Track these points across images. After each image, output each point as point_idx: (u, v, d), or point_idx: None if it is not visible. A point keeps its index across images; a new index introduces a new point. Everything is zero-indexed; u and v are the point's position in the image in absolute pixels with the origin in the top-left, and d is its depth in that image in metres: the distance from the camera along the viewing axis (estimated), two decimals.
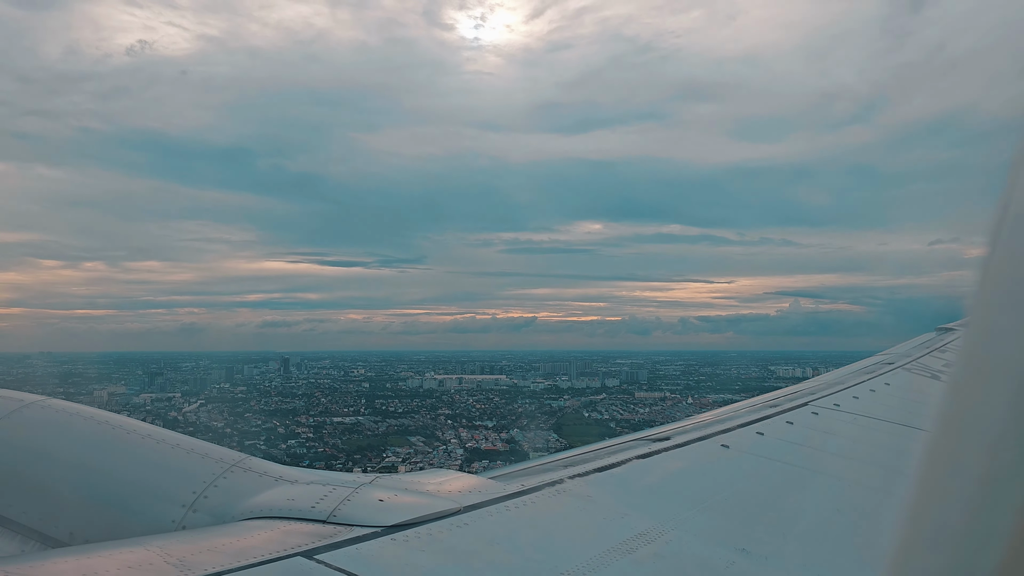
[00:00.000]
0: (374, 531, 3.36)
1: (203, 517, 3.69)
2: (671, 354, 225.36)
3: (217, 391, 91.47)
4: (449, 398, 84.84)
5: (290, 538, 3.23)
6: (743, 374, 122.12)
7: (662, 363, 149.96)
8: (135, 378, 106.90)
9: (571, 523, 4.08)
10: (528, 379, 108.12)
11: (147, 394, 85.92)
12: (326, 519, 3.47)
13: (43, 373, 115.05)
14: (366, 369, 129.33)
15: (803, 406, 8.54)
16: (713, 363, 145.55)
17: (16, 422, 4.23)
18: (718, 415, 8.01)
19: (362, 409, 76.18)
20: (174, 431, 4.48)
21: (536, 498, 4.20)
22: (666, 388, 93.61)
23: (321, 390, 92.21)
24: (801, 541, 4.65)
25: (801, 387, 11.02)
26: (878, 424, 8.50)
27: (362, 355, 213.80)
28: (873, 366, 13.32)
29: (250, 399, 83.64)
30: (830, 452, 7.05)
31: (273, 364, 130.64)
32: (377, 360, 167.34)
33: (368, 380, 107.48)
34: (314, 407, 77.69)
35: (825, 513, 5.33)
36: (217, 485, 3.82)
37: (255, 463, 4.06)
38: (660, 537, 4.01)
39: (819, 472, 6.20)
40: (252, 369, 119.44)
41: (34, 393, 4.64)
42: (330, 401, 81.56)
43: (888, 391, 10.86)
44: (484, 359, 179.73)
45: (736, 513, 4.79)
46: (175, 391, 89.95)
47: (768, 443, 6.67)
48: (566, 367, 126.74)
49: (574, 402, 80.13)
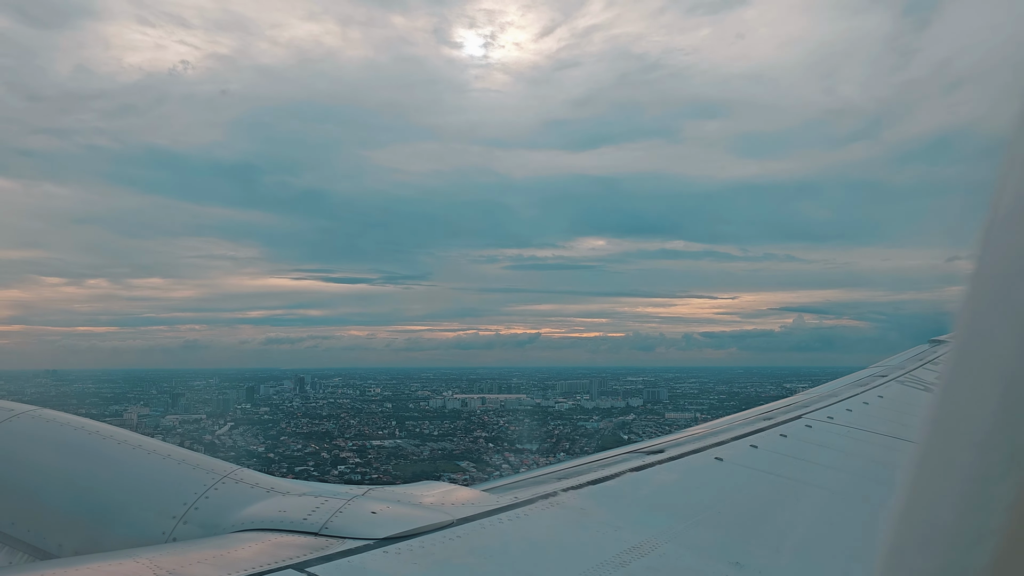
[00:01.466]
0: (367, 543, 3.34)
1: (194, 529, 3.65)
2: (678, 370, 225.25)
3: (241, 411, 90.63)
4: (479, 419, 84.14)
5: (281, 550, 3.21)
6: (760, 392, 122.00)
7: (674, 380, 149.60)
8: (152, 398, 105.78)
9: (564, 536, 4.07)
10: (548, 398, 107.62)
11: (173, 415, 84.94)
12: (318, 531, 3.44)
13: (56, 392, 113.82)
14: (380, 387, 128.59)
15: (797, 419, 8.50)
16: (726, 380, 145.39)
17: (6, 432, 4.18)
18: (712, 427, 7.94)
19: (396, 431, 75.45)
20: (165, 442, 4.42)
21: (529, 511, 4.19)
22: (692, 408, 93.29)
23: (346, 411, 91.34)
24: (795, 554, 4.66)
25: (795, 400, 10.90)
26: (872, 437, 8.45)
27: (368, 372, 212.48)
28: (867, 379, 13.18)
29: (278, 420, 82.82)
30: (824, 465, 7.02)
31: (287, 383, 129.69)
32: (386, 377, 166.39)
33: (387, 399, 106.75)
34: (347, 429, 76.92)
35: (819, 526, 5.35)
36: (208, 496, 3.79)
37: (246, 474, 4.03)
38: (654, 551, 4.00)
39: (813, 485, 6.20)
40: (268, 388, 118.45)
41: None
42: (361, 423, 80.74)
43: (881, 403, 10.79)
44: (492, 376, 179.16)
45: (730, 526, 4.78)
46: (199, 411, 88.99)
47: (762, 456, 6.66)
48: (582, 385, 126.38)
49: (607, 423, 79.59)
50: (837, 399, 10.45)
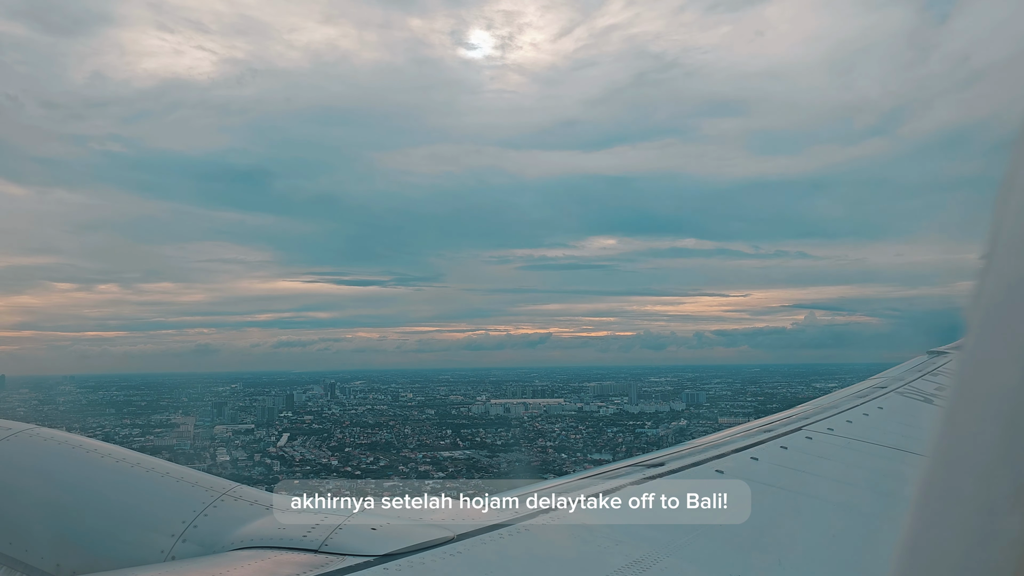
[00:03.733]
0: (367, 560, 3.34)
1: (193, 547, 3.64)
2: (694, 369, 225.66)
3: (287, 421, 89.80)
4: (532, 426, 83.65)
5: (281, 568, 3.21)
6: (793, 392, 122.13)
7: (697, 380, 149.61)
8: (185, 405, 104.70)
9: (566, 551, 4.10)
10: (586, 401, 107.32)
11: (220, 425, 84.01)
12: (318, 548, 3.44)
13: (88, 401, 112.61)
14: (411, 392, 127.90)
15: (797, 430, 8.54)
16: (750, 380, 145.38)
17: (3, 452, 4.17)
18: (713, 440, 7.98)
19: (458, 441, 74.80)
20: (164, 459, 4.37)
21: (530, 525, 4.21)
22: (738, 411, 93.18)
23: (390, 418, 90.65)
24: (797, 567, 4.70)
25: (795, 411, 10.96)
26: (872, 448, 8.47)
27: (383, 374, 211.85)
28: (866, 390, 13.25)
29: (329, 429, 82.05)
30: (824, 477, 7.06)
31: (316, 388, 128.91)
32: (405, 380, 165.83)
33: (423, 405, 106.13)
34: (407, 440, 76.22)
35: (820, 539, 5.39)
36: (207, 514, 3.79)
37: (246, 491, 4.04)
38: (655, 564, 4.01)
39: (814, 497, 6.26)
40: (301, 394, 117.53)
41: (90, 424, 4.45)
42: (416, 432, 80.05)
43: (882, 415, 10.78)
44: (509, 377, 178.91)
45: (731, 539, 4.80)
46: (245, 421, 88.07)
47: (762, 468, 6.68)
48: (612, 388, 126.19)
49: (665, 430, 79.35)
50: (837, 411, 10.43)
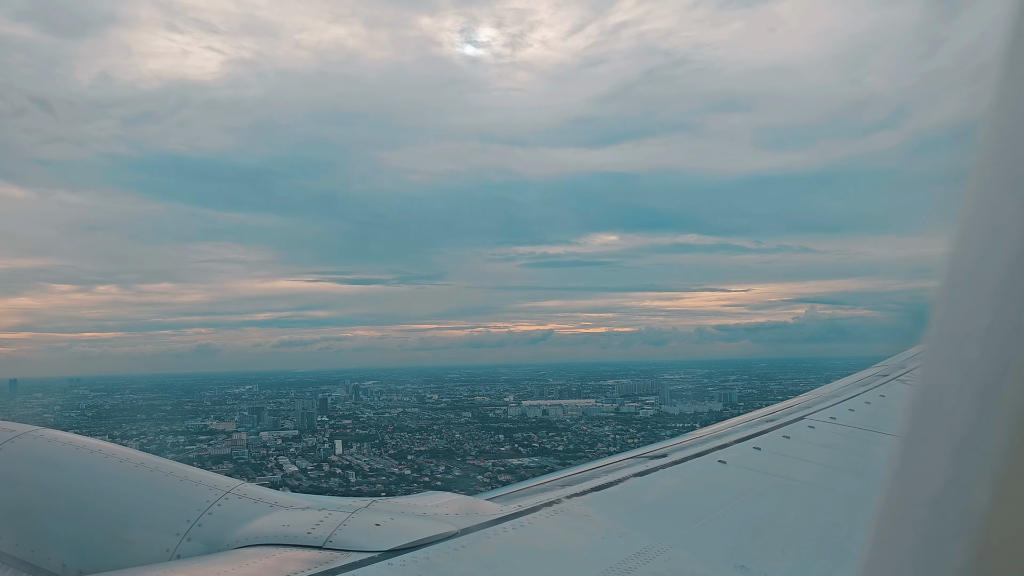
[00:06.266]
0: (371, 556, 3.38)
1: (198, 545, 3.68)
2: (698, 364, 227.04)
3: (327, 425, 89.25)
4: (580, 430, 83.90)
5: (286, 565, 3.24)
6: (808, 388, 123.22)
7: (709, 377, 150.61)
8: (209, 409, 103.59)
9: (569, 543, 4.12)
10: (615, 401, 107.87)
11: (265, 432, 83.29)
12: (323, 545, 3.48)
13: (111, 405, 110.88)
14: (426, 391, 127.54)
15: (799, 420, 8.58)
16: (763, 376, 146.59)
17: (8, 453, 4.22)
18: (715, 431, 8.01)
19: (518, 448, 74.74)
20: (167, 459, 4.43)
21: (534, 519, 4.22)
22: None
23: (433, 422, 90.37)
24: (800, 557, 4.72)
25: (797, 401, 11.09)
26: (875, 436, 8.51)
27: (390, 373, 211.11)
28: (868, 378, 13.34)
29: (377, 436, 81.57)
30: (828, 466, 7.08)
31: (338, 389, 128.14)
32: (414, 379, 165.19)
33: (456, 407, 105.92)
34: (461, 445, 76.10)
35: (824, 528, 5.39)
36: (212, 513, 3.82)
37: (250, 489, 4.07)
38: (659, 556, 4.04)
39: (817, 486, 6.27)
40: (326, 395, 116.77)
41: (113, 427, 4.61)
42: (468, 438, 79.80)
43: (883, 403, 10.88)
44: (519, 376, 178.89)
45: (734, 530, 4.84)
46: (286, 427, 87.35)
47: (765, 458, 6.69)
48: (636, 387, 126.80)
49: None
50: (839, 399, 10.49)
